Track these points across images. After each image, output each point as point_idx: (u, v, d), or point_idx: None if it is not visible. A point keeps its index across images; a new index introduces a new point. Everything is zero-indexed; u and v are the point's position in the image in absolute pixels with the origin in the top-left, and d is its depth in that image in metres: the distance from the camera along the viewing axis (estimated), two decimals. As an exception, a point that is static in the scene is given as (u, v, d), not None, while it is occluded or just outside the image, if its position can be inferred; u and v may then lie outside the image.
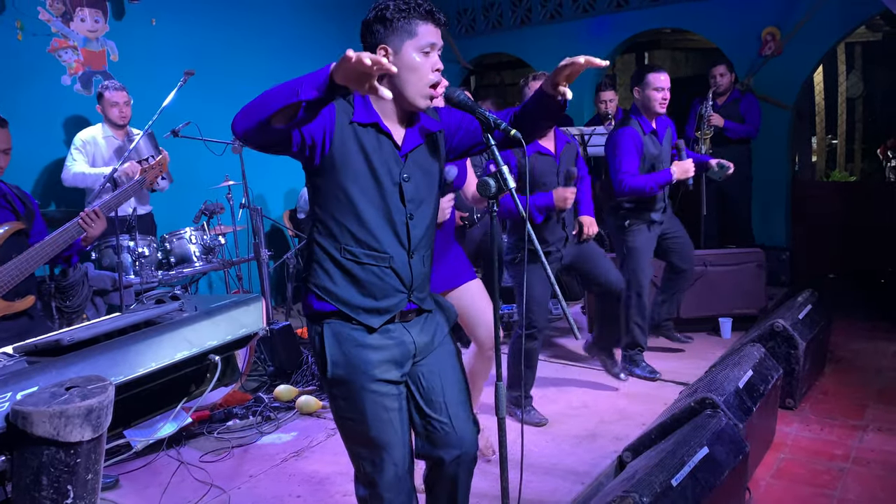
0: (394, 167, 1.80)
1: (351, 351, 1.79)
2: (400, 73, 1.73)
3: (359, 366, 1.79)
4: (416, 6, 1.75)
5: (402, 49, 1.75)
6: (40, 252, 2.65)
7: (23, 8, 4.60)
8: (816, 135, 8.23)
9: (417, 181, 1.84)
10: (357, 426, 1.82)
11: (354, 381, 1.79)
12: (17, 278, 2.58)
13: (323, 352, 1.78)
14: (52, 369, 1.25)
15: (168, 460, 3.26)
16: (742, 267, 4.63)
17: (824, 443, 3.17)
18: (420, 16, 1.76)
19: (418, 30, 1.76)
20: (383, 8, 1.76)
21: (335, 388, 1.81)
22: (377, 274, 1.81)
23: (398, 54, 1.75)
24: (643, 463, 2.43)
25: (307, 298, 1.83)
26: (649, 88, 3.78)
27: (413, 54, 1.75)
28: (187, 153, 4.74)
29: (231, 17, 5.77)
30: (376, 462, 1.84)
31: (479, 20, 7.16)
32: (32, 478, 1.15)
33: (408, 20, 1.74)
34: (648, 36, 6.99)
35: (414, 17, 1.75)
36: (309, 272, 1.83)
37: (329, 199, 1.78)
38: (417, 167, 1.85)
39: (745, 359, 3.06)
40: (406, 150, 1.83)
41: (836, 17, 5.35)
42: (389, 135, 1.81)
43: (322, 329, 1.80)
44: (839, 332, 4.47)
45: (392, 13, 1.74)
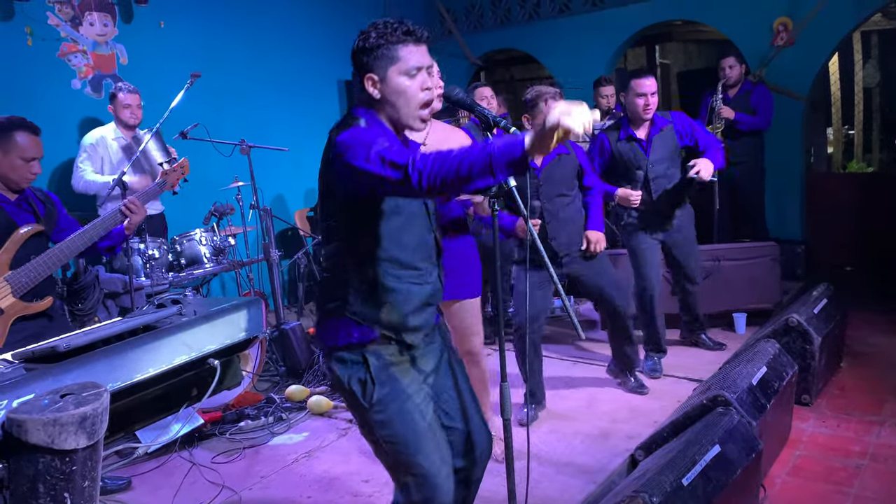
0: None
1: (394, 372, 1.82)
2: (389, 98, 1.78)
3: (402, 384, 1.82)
4: (392, 30, 1.76)
5: (387, 75, 1.77)
6: (69, 247, 2.66)
7: (32, 13, 4.63)
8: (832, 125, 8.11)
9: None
10: (403, 447, 1.82)
11: (399, 399, 1.81)
12: (35, 279, 2.61)
13: (371, 378, 1.79)
14: (49, 376, 1.25)
15: (180, 461, 3.28)
16: (756, 261, 4.56)
17: (841, 439, 3.12)
18: (399, 39, 1.76)
19: (400, 54, 1.77)
20: (365, 37, 1.78)
21: (380, 413, 1.81)
22: (417, 292, 1.86)
23: (384, 81, 1.78)
24: (655, 462, 2.40)
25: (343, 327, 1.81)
26: (632, 94, 3.75)
27: (399, 79, 1.77)
28: (196, 155, 4.72)
29: (238, 19, 5.78)
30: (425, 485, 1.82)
31: (487, 16, 7.12)
32: (29, 486, 1.15)
33: (388, 46, 1.76)
34: (659, 28, 6.90)
35: (393, 42, 1.76)
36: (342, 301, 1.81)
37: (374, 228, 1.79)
38: None
39: (759, 355, 3.01)
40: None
41: (850, 6, 5.25)
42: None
43: (365, 356, 1.81)
44: (856, 325, 4.40)
45: (373, 41, 1.76)
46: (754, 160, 5.41)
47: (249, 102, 5.76)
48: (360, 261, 1.81)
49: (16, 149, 2.59)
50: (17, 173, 2.62)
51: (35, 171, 2.67)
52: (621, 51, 6.73)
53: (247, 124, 5.46)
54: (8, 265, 2.57)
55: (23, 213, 2.70)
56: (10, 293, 2.55)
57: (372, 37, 1.76)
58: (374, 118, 1.81)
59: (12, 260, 2.58)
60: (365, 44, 1.77)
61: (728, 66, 5.30)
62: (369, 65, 1.78)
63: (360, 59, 1.79)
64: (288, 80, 5.95)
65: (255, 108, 5.79)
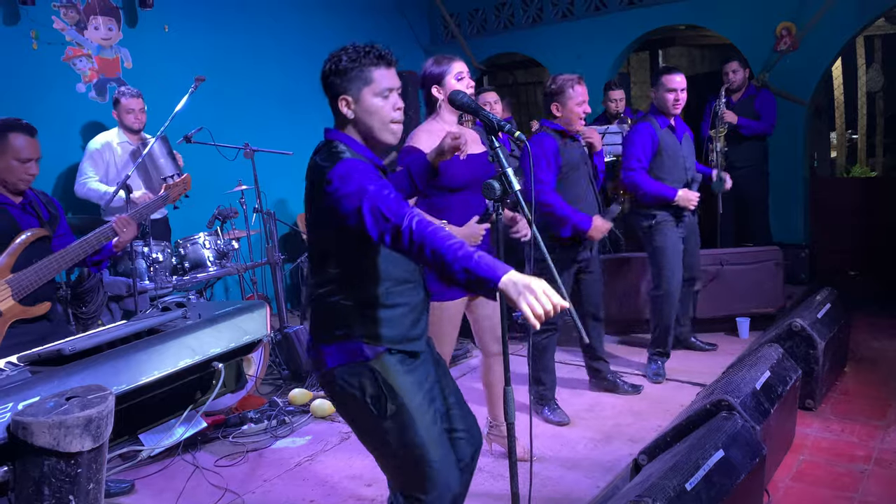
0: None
1: (403, 381, 1.87)
2: (363, 118, 1.86)
3: (412, 391, 1.88)
4: (365, 54, 1.84)
5: (360, 97, 1.85)
6: (65, 257, 2.67)
7: (37, 18, 4.66)
8: (836, 130, 8.10)
9: None
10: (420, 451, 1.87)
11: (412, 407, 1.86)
12: (36, 283, 2.61)
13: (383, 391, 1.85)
14: (54, 379, 1.25)
15: (184, 465, 3.28)
16: (759, 265, 4.56)
17: (845, 444, 3.11)
18: (372, 62, 1.84)
19: (373, 76, 1.85)
20: (336, 60, 1.84)
21: (395, 421, 1.86)
22: (415, 303, 1.94)
23: (358, 102, 1.85)
24: (658, 466, 2.39)
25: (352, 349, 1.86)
26: (662, 90, 3.81)
27: (372, 99, 1.85)
28: (200, 158, 4.77)
29: (242, 23, 5.80)
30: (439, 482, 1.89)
31: (490, 20, 7.14)
32: (34, 488, 1.15)
33: (361, 69, 1.83)
34: (662, 33, 6.91)
35: (366, 65, 1.83)
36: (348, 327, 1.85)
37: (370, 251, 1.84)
38: None
39: (763, 359, 3.01)
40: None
41: (853, 10, 5.25)
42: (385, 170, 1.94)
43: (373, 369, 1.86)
44: (860, 330, 4.39)
45: (346, 64, 1.83)
46: (758, 164, 5.41)
47: (253, 106, 5.78)
48: (361, 285, 1.85)
49: (10, 150, 2.59)
50: (13, 175, 2.62)
51: (32, 171, 2.66)
52: (625, 55, 6.73)
53: (251, 128, 5.47)
54: (10, 268, 2.58)
55: (27, 217, 2.71)
56: (9, 296, 2.56)
57: (344, 60, 1.84)
58: (353, 142, 1.89)
59: (14, 263, 2.59)
60: (337, 66, 1.84)
61: (731, 70, 5.30)
62: (343, 87, 1.85)
63: (332, 80, 1.86)
64: (291, 85, 5.97)
65: (259, 111, 5.80)
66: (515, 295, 1.52)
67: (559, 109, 3.39)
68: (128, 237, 2.82)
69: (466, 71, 2.73)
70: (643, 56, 8.83)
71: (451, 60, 2.72)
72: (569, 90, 3.34)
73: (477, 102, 1.96)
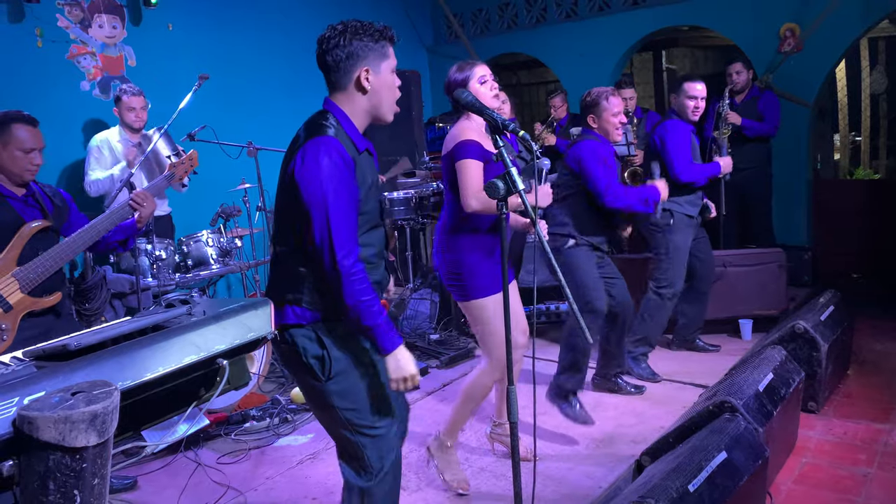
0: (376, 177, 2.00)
1: (347, 344, 1.94)
2: (380, 91, 1.91)
3: (356, 354, 1.95)
4: (384, 30, 1.90)
5: (381, 70, 1.90)
6: (74, 242, 2.68)
7: (42, 15, 4.66)
8: (839, 132, 8.09)
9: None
10: (364, 412, 1.96)
11: (357, 369, 1.95)
12: (44, 274, 2.62)
13: (327, 353, 1.91)
14: (59, 374, 1.25)
15: (186, 462, 3.28)
16: (763, 267, 4.55)
17: (848, 447, 3.11)
18: (390, 40, 1.91)
19: (390, 52, 1.92)
20: (358, 33, 1.86)
21: (339, 383, 1.93)
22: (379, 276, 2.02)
23: (379, 74, 1.90)
24: (661, 467, 2.39)
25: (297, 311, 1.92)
26: (683, 96, 3.90)
27: (390, 76, 1.92)
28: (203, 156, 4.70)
29: (246, 21, 5.81)
30: (382, 444, 1.99)
31: (493, 20, 7.14)
32: (39, 483, 1.15)
33: (382, 43, 1.89)
34: (666, 34, 6.91)
35: (385, 41, 1.90)
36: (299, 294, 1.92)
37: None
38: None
39: (766, 361, 3.01)
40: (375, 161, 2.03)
41: (857, 12, 5.24)
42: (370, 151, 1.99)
43: (317, 333, 1.92)
44: (863, 333, 4.39)
45: (367, 37, 1.87)
46: (761, 166, 5.41)
47: (257, 105, 5.78)
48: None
49: (14, 141, 2.61)
50: (17, 165, 2.63)
51: (36, 162, 2.67)
52: (628, 56, 6.73)
53: (254, 126, 5.47)
54: (15, 261, 2.58)
55: (29, 209, 2.71)
56: (18, 289, 2.57)
57: (367, 32, 1.86)
58: (345, 119, 1.91)
59: (19, 256, 2.59)
60: (362, 38, 1.86)
61: (735, 71, 5.29)
62: (363, 58, 1.87)
63: (352, 50, 1.86)
64: (295, 83, 5.97)
65: (263, 110, 5.80)
66: (393, 373, 1.86)
67: (595, 121, 3.45)
68: (148, 211, 2.83)
69: (489, 74, 2.75)
70: (646, 57, 8.83)
71: (474, 65, 2.74)
72: (603, 102, 3.41)
73: (482, 102, 1.95)
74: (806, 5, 5.39)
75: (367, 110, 1.93)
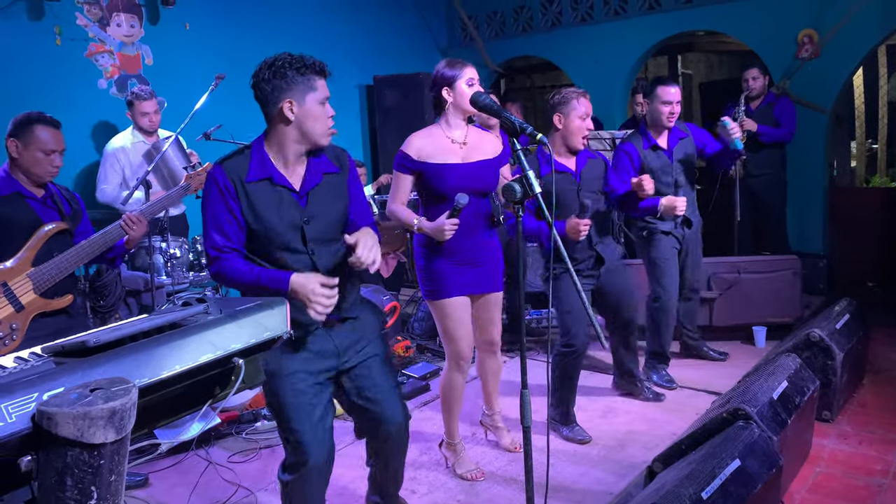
0: (294, 212, 2.07)
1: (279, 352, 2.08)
2: (306, 121, 2.02)
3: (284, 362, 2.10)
4: (311, 64, 2.01)
5: (305, 101, 2.01)
6: (81, 252, 2.71)
7: (61, 14, 4.70)
8: (856, 139, 8.03)
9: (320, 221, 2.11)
10: (282, 415, 2.12)
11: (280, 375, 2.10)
12: (56, 276, 2.64)
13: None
14: (78, 370, 1.26)
15: (197, 460, 3.30)
16: (777, 274, 4.52)
17: (862, 457, 3.08)
18: (316, 73, 2.02)
19: (317, 84, 2.02)
20: (281, 66, 2.00)
21: (268, 385, 2.12)
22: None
23: (303, 106, 2.01)
24: (673, 474, 2.38)
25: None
26: (657, 101, 3.76)
27: (315, 105, 2.02)
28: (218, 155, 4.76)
29: (263, 22, 5.83)
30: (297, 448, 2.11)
31: (508, 23, 7.13)
32: (57, 478, 1.16)
33: (307, 76, 2.00)
34: (681, 38, 6.88)
35: (311, 74, 2.01)
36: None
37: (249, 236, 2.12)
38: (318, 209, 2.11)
39: (780, 369, 2.99)
40: (305, 192, 2.09)
41: (876, 19, 5.20)
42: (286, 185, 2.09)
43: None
44: (878, 342, 4.35)
45: (292, 71, 1.99)
46: (776, 172, 5.37)
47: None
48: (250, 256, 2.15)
49: (36, 142, 2.63)
50: (39, 167, 2.66)
51: (56, 164, 2.70)
52: (643, 60, 6.71)
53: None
54: (31, 262, 2.60)
55: (48, 211, 2.74)
56: (31, 289, 2.59)
57: (290, 66, 1.98)
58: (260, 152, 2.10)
59: (35, 257, 2.62)
60: (286, 71, 1.99)
61: (752, 77, 5.26)
62: (286, 91, 2.00)
63: (276, 83, 2.01)
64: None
65: (278, 110, 5.83)
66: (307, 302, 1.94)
67: (560, 121, 3.30)
68: (137, 235, 2.84)
69: (477, 78, 2.77)
70: (661, 61, 8.80)
71: (464, 65, 2.76)
72: (573, 101, 3.25)
73: (498, 104, 1.95)
74: (824, 12, 5.35)
75: (294, 139, 2.06)
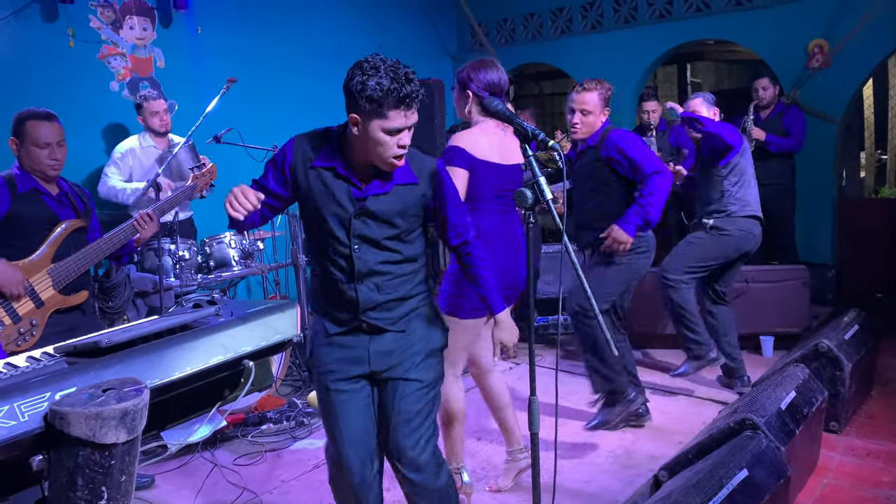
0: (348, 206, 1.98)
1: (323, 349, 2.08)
2: (366, 141, 1.89)
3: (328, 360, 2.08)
4: (390, 91, 1.82)
5: (370, 125, 1.87)
6: (98, 249, 2.74)
7: (75, 16, 4.74)
8: (865, 150, 8.00)
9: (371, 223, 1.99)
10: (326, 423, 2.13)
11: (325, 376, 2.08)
12: (74, 273, 2.68)
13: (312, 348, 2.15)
14: (90, 370, 1.27)
15: (202, 462, 3.30)
16: (785, 284, 4.51)
17: (870, 469, 3.06)
18: (392, 105, 1.84)
19: (389, 114, 1.85)
20: (361, 84, 1.83)
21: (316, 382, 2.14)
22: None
23: (366, 127, 1.87)
24: (679, 483, 2.37)
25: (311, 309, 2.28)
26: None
27: (379, 133, 1.87)
28: (229, 159, 4.80)
29: (274, 26, 5.86)
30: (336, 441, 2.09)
31: (518, 30, 7.14)
32: (68, 478, 1.16)
33: (380, 104, 1.83)
34: (691, 47, 6.88)
35: (386, 105, 1.83)
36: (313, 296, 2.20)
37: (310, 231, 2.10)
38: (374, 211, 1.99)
39: (788, 379, 2.98)
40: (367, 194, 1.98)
41: (887, 30, 5.19)
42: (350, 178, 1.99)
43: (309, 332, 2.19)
44: (887, 353, 4.32)
45: (368, 94, 1.82)
46: (785, 182, 5.36)
47: (283, 108, 5.82)
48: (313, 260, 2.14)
49: (29, 138, 2.65)
50: (37, 162, 2.66)
51: (56, 156, 2.69)
52: (653, 68, 6.70)
53: (280, 130, 5.49)
54: (51, 258, 2.63)
55: (63, 208, 2.76)
56: (50, 286, 2.61)
57: (369, 88, 1.82)
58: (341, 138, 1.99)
59: (55, 253, 2.64)
60: (363, 91, 1.83)
61: (762, 87, 5.26)
62: (357, 108, 1.87)
63: (352, 96, 1.87)
64: (321, 88, 5.99)
65: (289, 113, 5.84)
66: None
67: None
68: (148, 233, 2.86)
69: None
70: (670, 70, 8.80)
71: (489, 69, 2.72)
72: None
73: (511, 111, 1.96)
74: (835, 22, 5.34)
75: (359, 148, 1.95)
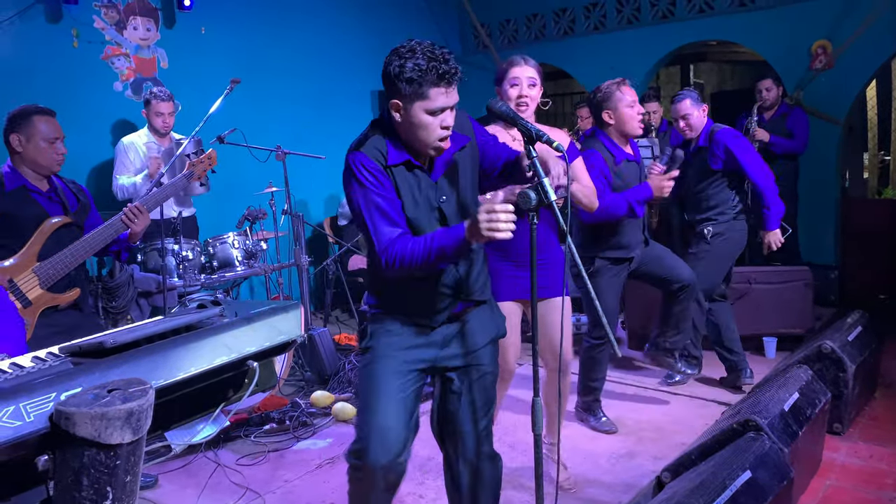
0: (431, 194, 1.98)
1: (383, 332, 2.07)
2: (410, 127, 1.88)
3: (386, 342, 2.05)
4: (429, 70, 1.81)
5: (412, 108, 1.85)
6: (85, 245, 2.72)
7: (79, 17, 4.76)
8: (868, 151, 7.99)
9: (454, 199, 2.01)
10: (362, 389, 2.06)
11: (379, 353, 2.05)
12: (63, 271, 2.66)
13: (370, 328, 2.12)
14: (95, 371, 1.27)
15: (206, 462, 3.31)
16: (788, 285, 4.50)
17: (873, 470, 3.05)
18: (432, 82, 1.82)
19: (430, 93, 1.83)
20: (400, 66, 1.83)
21: (364, 357, 2.09)
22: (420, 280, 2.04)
23: (408, 111, 1.86)
24: (682, 485, 2.37)
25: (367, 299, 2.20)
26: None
27: (422, 115, 1.85)
28: (232, 159, 4.83)
29: (277, 27, 5.88)
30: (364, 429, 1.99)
31: (521, 31, 7.15)
32: (73, 478, 1.16)
33: (420, 84, 1.82)
34: (694, 48, 6.87)
35: (426, 83, 1.82)
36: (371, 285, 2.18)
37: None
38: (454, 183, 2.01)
39: (792, 381, 2.97)
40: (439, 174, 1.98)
41: (890, 31, 5.18)
42: (421, 167, 1.98)
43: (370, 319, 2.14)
44: (890, 355, 4.31)
45: (407, 75, 1.82)
46: (788, 183, 5.34)
47: (286, 109, 5.84)
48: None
49: (37, 133, 2.66)
50: (44, 157, 2.68)
51: (61, 151, 2.72)
52: (655, 69, 6.71)
53: (283, 131, 5.53)
54: (36, 257, 2.62)
55: (53, 205, 2.75)
56: (38, 284, 2.60)
57: (407, 69, 1.81)
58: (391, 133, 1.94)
59: (40, 251, 2.63)
60: (402, 73, 1.82)
61: (765, 88, 5.26)
62: (398, 92, 1.86)
63: (391, 81, 1.86)
64: (324, 89, 6.03)
65: (292, 115, 5.86)
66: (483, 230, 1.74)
67: (611, 116, 3.30)
68: (139, 227, 2.83)
69: (524, 77, 2.75)
70: (673, 71, 8.80)
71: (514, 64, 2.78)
72: (616, 93, 3.26)
73: (515, 112, 1.95)
74: (839, 23, 5.34)
75: (404, 135, 1.93)
